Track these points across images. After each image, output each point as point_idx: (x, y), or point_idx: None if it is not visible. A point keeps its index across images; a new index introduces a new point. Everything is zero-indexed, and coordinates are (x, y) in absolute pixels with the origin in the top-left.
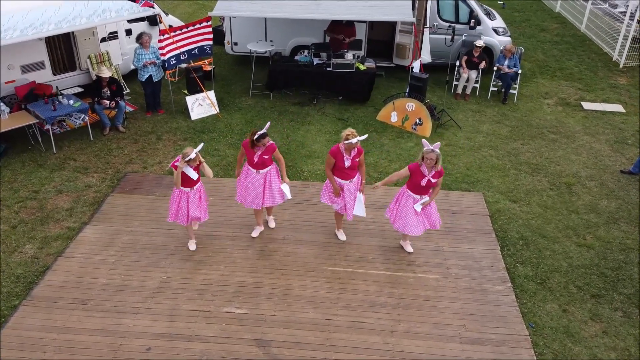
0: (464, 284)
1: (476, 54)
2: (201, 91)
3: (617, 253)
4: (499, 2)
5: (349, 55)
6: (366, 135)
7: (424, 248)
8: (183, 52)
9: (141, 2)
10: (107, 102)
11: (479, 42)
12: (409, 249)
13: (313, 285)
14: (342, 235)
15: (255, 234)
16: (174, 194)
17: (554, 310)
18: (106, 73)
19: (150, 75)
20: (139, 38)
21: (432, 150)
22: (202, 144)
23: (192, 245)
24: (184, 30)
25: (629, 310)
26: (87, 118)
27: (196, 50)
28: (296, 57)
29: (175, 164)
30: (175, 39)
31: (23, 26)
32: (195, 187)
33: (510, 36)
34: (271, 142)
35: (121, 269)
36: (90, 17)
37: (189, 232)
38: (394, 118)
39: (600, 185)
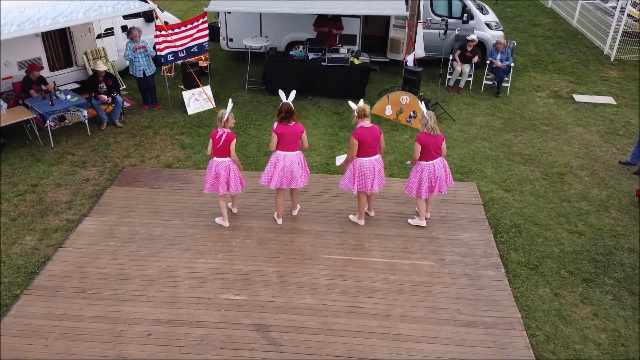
0: (458, 270)
1: (469, 49)
2: (197, 86)
3: (607, 239)
4: None
5: (343, 50)
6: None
7: (419, 236)
8: (182, 50)
9: None
10: (105, 97)
11: (472, 37)
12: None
13: (310, 273)
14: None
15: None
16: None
17: (545, 294)
18: (102, 67)
19: (143, 70)
20: (129, 33)
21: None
22: (232, 104)
23: (224, 222)
24: (183, 28)
25: (619, 293)
26: (85, 113)
27: (195, 47)
28: (291, 52)
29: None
30: (174, 37)
31: (20, 21)
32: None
33: (502, 30)
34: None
35: (121, 259)
36: (86, 12)
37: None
38: (389, 111)
39: (591, 175)
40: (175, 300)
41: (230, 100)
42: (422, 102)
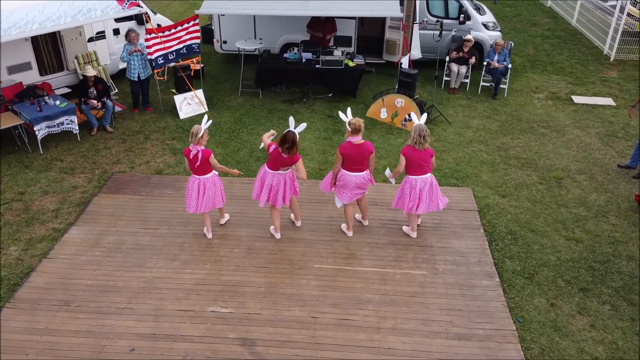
0: (452, 280)
1: (466, 49)
2: (189, 90)
3: (605, 246)
4: None
5: (338, 52)
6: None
7: (412, 244)
8: (171, 52)
9: (127, 2)
10: (95, 102)
11: (468, 37)
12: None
13: (299, 283)
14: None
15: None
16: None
17: (541, 304)
18: (91, 72)
19: (138, 74)
20: (127, 35)
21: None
22: (210, 120)
23: (208, 233)
24: (172, 30)
25: (616, 303)
26: (75, 120)
27: (184, 49)
28: (285, 55)
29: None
30: (163, 39)
31: (6, 26)
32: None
33: (500, 31)
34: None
35: (106, 270)
36: (75, 17)
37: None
38: (384, 114)
39: (589, 179)
40: (160, 313)
41: (206, 116)
42: (419, 109)
